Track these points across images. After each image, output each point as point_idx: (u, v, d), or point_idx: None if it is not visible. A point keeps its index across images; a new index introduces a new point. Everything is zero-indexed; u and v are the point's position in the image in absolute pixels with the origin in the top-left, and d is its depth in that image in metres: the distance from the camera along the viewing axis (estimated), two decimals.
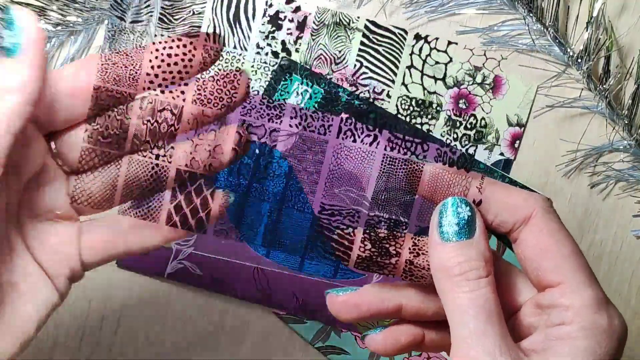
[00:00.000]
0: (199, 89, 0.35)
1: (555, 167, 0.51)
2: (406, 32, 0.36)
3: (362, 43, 0.37)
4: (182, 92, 0.35)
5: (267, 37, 0.36)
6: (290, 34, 0.36)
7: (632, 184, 0.51)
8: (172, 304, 0.54)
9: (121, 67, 0.34)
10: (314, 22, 0.36)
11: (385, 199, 0.38)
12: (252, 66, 0.36)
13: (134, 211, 0.36)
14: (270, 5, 0.36)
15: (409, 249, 0.36)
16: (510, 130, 0.51)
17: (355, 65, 0.37)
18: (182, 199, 0.36)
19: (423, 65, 0.38)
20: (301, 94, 0.51)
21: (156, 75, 0.34)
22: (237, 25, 0.36)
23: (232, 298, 0.52)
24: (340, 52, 0.36)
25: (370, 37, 0.37)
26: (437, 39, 0.37)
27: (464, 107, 0.51)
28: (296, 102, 0.51)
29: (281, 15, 0.36)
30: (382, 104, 0.37)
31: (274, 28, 0.36)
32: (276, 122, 0.36)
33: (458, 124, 0.51)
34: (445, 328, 0.34)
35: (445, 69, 0.36)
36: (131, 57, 0.34)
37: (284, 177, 0.39)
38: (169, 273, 0.52)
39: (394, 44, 0.37)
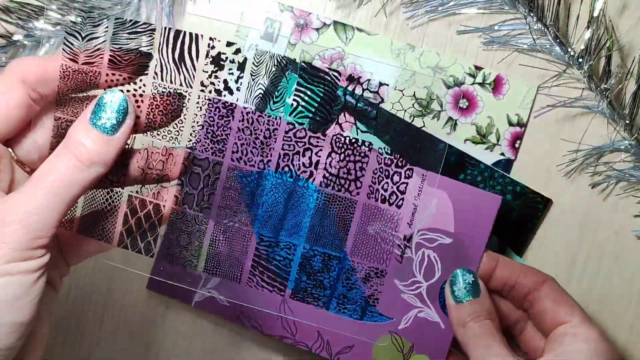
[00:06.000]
0: (148, 121, 0.39)
1: (556, 167, 0.51)
2: (340, 74, 0.42)
3: (298, 83, 0.40)
4: (134, 124, 0.39)
5: (210, 76, 0.40)
6: (232, 73, 0.40)
7: (633, 184, 0.51)
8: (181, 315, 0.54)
9: (78, 102, 0.39)
10: (253, 63, 0.40)
11: (319, 234, 0.43)
12: (197, 102, 0.40)
13: (90, 232, 0.40)
14: (213, 47, 0.40)
15: (342, 283, 0.43)
16: (511, 130, 0.51)
17: (292, 105, 0.41)
18: (133, 223, 0.40)
19: (356, 105, 0.43)
20: (301, 93, 0.51)
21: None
22: (182, 65, 0.40)
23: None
24: (278, 91, 0.40)
25: (306, 77, 0.41)
26: (369, 80, 0.41)
27: (465, 107, 0.51)
28: (296, 102, 0.51)
29: (222, 57, 0.40)
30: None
31: (216, 68, 0.40)
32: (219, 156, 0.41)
33: (458, 123, 0.51)
34: None
35: (377, 110, 0.43)
36: (87, 94, 0.39)
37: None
38: (196, 302, 0.52)
39: (329, 84, 0.41)
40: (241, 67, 0.40)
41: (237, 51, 0.39)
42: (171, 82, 0.39)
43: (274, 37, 0.51)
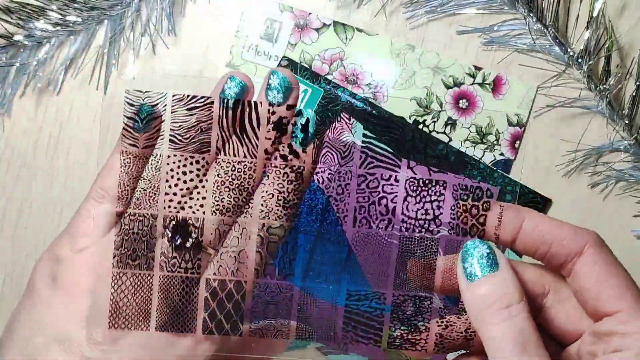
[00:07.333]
0: (216, 200, 0.37)
1: (555, 167, 0.51)
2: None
3: (364, 135, 0.39)
4: (201, 206, 0.37)
5: (274, 142, 0.38)
6: (296, 136, 0.38)
7: (632, 184, 0.51)
8: None
9: (140, 192, 0.36)
10: (316, 122, 0.39)
11: (406, 278, 0.39)
12: (264, 172, 0.38)
13: (170, 326, 0.37)
14: (273, 113, 0.37)
15: (437, 322, 0.38)
16: (511, 130, 0.51)
17: (360, 157, 0.40)
18: (215, 306, 0.37)
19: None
20: (301, 93, 0.51)
21: (174, 194, 0.36)
22: (245, 136, 0.38)
23: None
24: (345, 146, 0.38)
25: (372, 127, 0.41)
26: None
27: (464, 107, 0.51)
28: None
29: (284, 120, 0.38)
30: (381, 104, 0.39)
31: (279, 133, 0.38)
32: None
33: (458, 123, 0.51)
34: None
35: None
36: (148, 180, 0.36)
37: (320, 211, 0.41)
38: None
39: (396, 130, 0.40)
40: (304, 128, 0.38)
41: (299, 113, 0.38)
42: (234, 154, 0.37)
43: (274, 37, 0.52)
